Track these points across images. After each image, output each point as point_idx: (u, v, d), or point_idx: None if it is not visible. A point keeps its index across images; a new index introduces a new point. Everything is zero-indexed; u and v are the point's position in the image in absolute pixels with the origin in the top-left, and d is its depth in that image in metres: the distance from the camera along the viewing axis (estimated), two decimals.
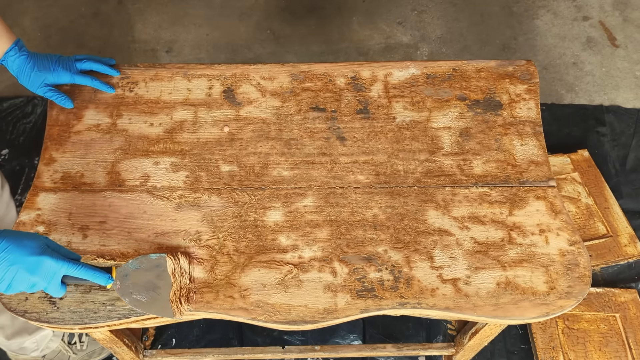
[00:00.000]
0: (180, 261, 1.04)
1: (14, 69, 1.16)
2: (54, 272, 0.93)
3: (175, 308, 1.01)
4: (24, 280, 0.92)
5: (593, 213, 1.86)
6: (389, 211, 1.12)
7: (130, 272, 1.02)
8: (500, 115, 1.24)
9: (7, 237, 0.91)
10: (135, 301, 1.01)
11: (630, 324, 1.68)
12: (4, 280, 0.91)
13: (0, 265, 0.90)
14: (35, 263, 0.92)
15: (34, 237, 0.95)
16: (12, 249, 0.90)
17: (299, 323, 1.02)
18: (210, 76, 1.29)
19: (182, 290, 1.02)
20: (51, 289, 0.95)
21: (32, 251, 0.92)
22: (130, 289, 1.01)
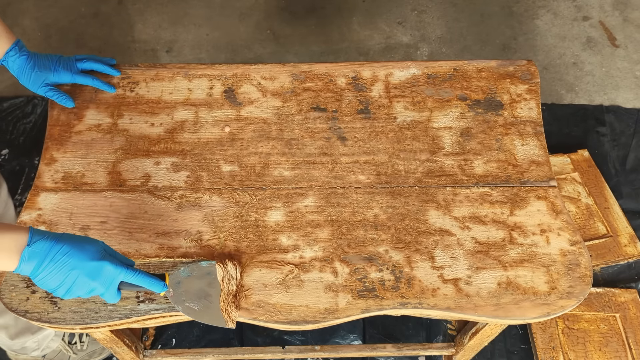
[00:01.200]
0: (228, 267, 1.03)
1: (15, 69, 1.16)
2: (112, 278, 0.92)
3: (226, 316, 1.00)
4: (84, 285, 0.90)
5: (593, 213, 1.87)
6: (390, 211, 1.12)
7: (182, 279, 1.01)
8: (501, 115, 1.24)
9: (68, 241, 0.90)
10: (188, 309, 1.00)
11: (630, 324, 1.68)
12: (64, 284, 0.89)
13: (61, 270, 0.88)
14: (95, 268, 0.90)
15: (93, 241, 0.93)
16: (73, 254, 0.89)
17: (300, 323, 1.02)
18: (211, 76, 1.29)
19: (230, 298, 1.01)
20: (108, 295, 0.93)
21: (93, 256, 0.90)
22: (182, 297, 1.00)
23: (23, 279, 1.04)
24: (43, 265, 0.87)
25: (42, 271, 0.88)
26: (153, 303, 1.03)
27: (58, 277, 0.89)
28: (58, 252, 0.88)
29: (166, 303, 1.03)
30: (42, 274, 0.88)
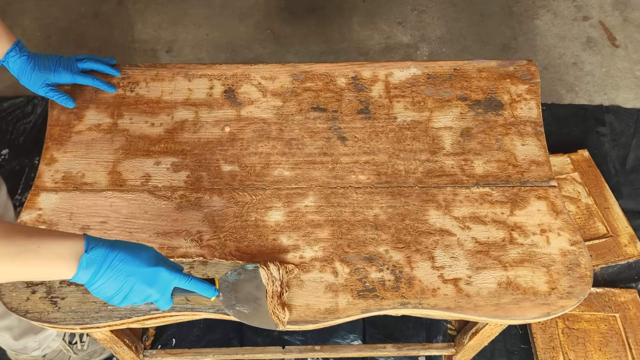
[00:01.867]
0: (271, 269, 1.02)
1: (15, 70, 1.16)
2: (168, 283, 0.91)
3: (275, 318, 1.00)
4: (141, 292, 0.89)
5: (593, 213, 1.87)
6: (390, 211, 1.12)
7: (231, 283, 1.01)
8: (501, 115, 1.24)
9: (123, 248, 0.88)
10: (239, 313, 1.00)
11: (630, 324, 1.68)
12: (121, 291, 0.88)
13: (118, 277, 0.87)
14: (152, 274, 0.89)
15: (146, 247, 0.92)
16: (129, 260, 0.87)
17: (300, 323, 1.02)
18: (211, 76, 1.29)
19: (276, 299, 1.01)
20: (162, 301, 0.92)
21: (149, 262, 0.89)
22: (232, 301, 1.00)
23: None
24: (100, 272, 0.86)
25: (100, 278, 0.86)
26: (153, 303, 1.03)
27: (115, 285, 0.87)
28: (115, 259, 0.87)
29: None
30: (100, 281, 0.86)
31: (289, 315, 1.01)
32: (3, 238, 0.81)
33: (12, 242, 0.81)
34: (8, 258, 0.81)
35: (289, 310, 1.01)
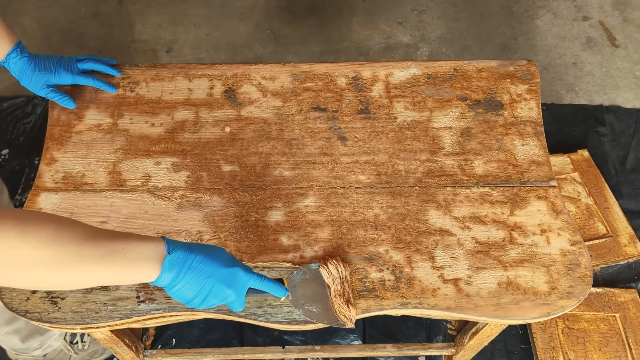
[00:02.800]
0: (330, 268, 1.02)
1: (16, 71, 1.16)
2: (244, 284, 0.91)
3: (342, 317, 0.99)
4: (220, 293, 0.89)
5: (593, 213, 1.87)
6: (390, 211, 1.12)
7: (298, 283, 1.00)
8: (501, 115, 1.24)
9: (200, 249, 0.88)
10: (309, 312, 1.00)
11: (630, 324, 1.68)
12: (201, 293, 0.88)
13: (198, 279, 0.86)
14: (230, 275, 0.89)
15: (220, 249, 0.91)
16: (208, 262, 0.87)
17: (301, 323, 1.02)
18: (212, 76, 1.29)
19: (339, 298, 1.00)
20: (237, 302, 0.92)
21: (226, 263, 0.89)
22: (301, 300, 1.00)
23: None
24: (181, 274, 0.85)
25: (181, 280, 0.86)
26: (153, 303, 1.03)
27: (195, 287, 0.87)
28: (194, 261, 0.86)
29: (166, 303, 1.03)
30: (181, 283, 0.86)
31: (355, 313, 1.00)
32: (89, 240, 0.79)
33: (99, 244, 0.80)
34: (95, 260, 0.79)
35: (355, 308, 1.01)
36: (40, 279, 0.77)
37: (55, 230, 0.77)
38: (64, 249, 0.77)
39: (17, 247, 0.73)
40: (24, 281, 0.78)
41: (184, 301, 0.89)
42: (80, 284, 0.83)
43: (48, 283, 0.80)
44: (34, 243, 0.74)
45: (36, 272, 0.75)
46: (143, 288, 1.04)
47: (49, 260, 0.75)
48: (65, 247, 0.77)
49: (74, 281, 0.81)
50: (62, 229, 0.78)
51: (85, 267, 0.79)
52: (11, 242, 0.73)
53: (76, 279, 0.80)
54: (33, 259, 0.74)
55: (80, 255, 0.78)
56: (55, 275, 0.77)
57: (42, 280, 0.78)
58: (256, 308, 1.03)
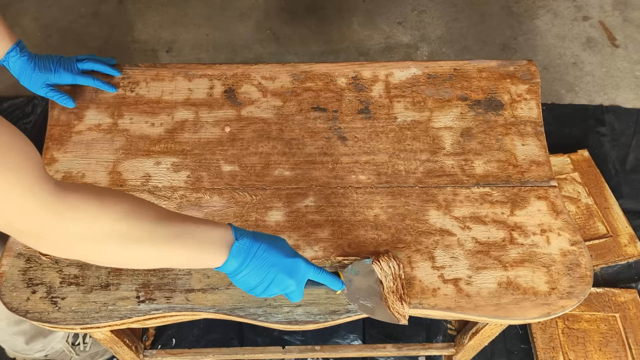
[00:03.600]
0: (382, 265, 1.02)
1: (16, 70, 1.16)
2: (304, 274, 0.91)
3: (396, 313, 0.99)
4: (282, 282, 0.89)
5: (593, 213, 1.87)
6: (390, 211, 1.12)
7: (353, 277, 1.00)
8: (502, 115, 1.24)
9: (264, 238, 0.88)
10: (364, 307, 0.99)
11: (630, 324, 1.68)
12: (264, 281, 0.88)
13: (262, 267, 0.87)
14: (292, 265, 0.89)
15: (281, 239, 0.92)
16: (272, 250, 0.88)
17: (301, 323, 1.02)
18: (212, 76, 1.29)
19: (391, 294, 1.00)
20: (296, 293, 0.92)
21: (288, 253, 0.90)
22: (357, 295, 1.00)
23: (23, 279, 1.04)
24: (247, 261, 0.86)
25: (246, 268, 0.86)
26: (153, 303, 1.03)
27: (259, 274, 0.87)
28: (259, 249, 0.87)
29: (166, 303, 1.03)
30: (245, 270, 0.86)
31: (409, 310, 1.00)
32: (162, 219, 0.80)
33: (171, 224, 0.80)
34: (167, 239, 0.79)
35: (408, 304, 1.00)
36: (112, 253, 0.77)
37: (131, 206, 0.77)
38: (139, 224, 0.77)
39: (97, 217, 0.74)
40: (97, 254, 0.78)
41: (247, 289, 0.89)
42: (149, 263, 0.83)
43: (119, 258, 0.80)
44: (111, 214, 0.75)
45: (110, 245, 0.76)
46: (143, 288, 1.04)
47: (124, 234, 0.76)
48: (140, 222, 0.78)
49: (144, 258, 0.81)
50: (137, 205, 0.78)
51: (157, 244, 0.79)
52: (92, 211, 0.73)
53: (146, 256, 0.80)
54: (110, 231, 0.75)
55: (153, 232, 0.78)
56: (128, 250, 0.78)
57: (114, 255, 0.78)
58: (256, 308, 1.03)
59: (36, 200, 0.68)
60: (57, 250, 0.76)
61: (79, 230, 0.73)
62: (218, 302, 1.03)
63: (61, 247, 0.75)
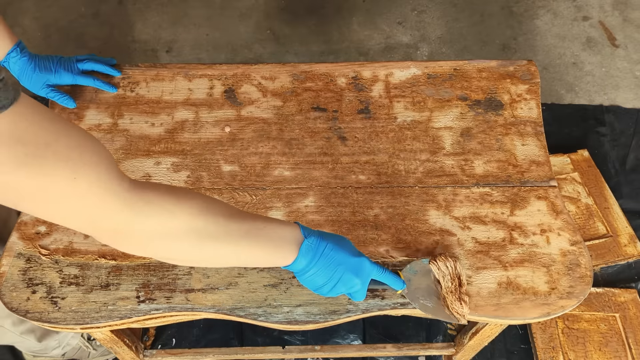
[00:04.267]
0: (438, 264, 1.02)
1: (16, 71, 1.16)
2: (368, 274, 0.91)
3: (455, 313, 0.99)
4: (348, 281, 0.88)
5: (593, 213, 1.87)
6: (390, 211, 1.12)
7: (412, 277, 1.00)
8: (502, 115, 1.24)
9: (329, 237, 0.88)
10: (424, 306, 0.99)
11: (630, 324, 1.68)
12: (331, 280, 0.88)
13: (329, 266, 0.86)
14: (358, 264, 0.89)
15: (346, 238, 0.92)
16: (338, 249, 0.87)
17: (301, 323, 1.02)
18: (212, 76, 1.29)
19: (449, 294, 1.00)
20: (360, 293, 0.92)
21: (353, 252, 0.89)
22: (417, 294, 0.99)
23: (23, 279, 1.04)
24: (315, 260, 0.86)
25: (314, 267, 0.86)
26: (153, 303, 1.03)
27: (326, 274, 0.87)
28: (326, 248, 0.87)
29: (166, 303, 1.03)
30: (313, 269, 0.86)
31: (467, 309, 1.00)
32: (234, 215, 0.80)
33: (243, 220, 0.80)
34: (240, 235, 0.79)
35: (467, 304, 1.00)
36: (188, 249, 0.77)
37: (204, 202, 0.78)
38: (214, 219, 0.77)
39: (174, 213, 0.74)
40: (174, 251, 0.78)
41: (314, 288, 0.89)
42: (221, 260, 0.83)
43: (194, 255, 0.80)
44: (187, 209, 0.75)
45: (187, 242, 0.76)
46: (143, 288, 1.04)
47: (200, 230, 0.76)
48: (215, 218, 0.77)
49: (218, 256, 0.81)
50: (210, 202, 0.79)
51: (231, 241, 0.79)
52: (169, 207, 0.73)
53: (220, 254, 0.80)
54: (186, 227, 0.75)
55: (227, 228, 0.78)
56: (203, 247, 0.78)
57: (190, 252, 0.78)
58: (256, 308, 1.03)
59: (116, 197, 0.68)
60: (136, 247, 0.75)
61: (156, 227, 0.73)
62: (218, 302, 1.03)
63: (139, 245, 0.75)
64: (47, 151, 0.60)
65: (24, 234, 1.09)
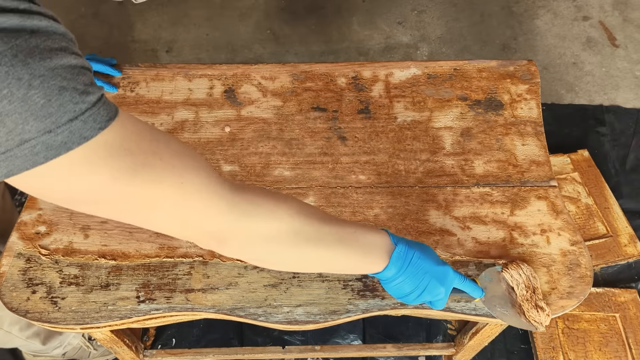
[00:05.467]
0: (510, 272, 1.00)
1: None
2: (451, 282, 0.91)
3: (532, 320, 0.98)
4: (434, 289, 0.88)
5: (593, 213, 1.87)
6: (390, 211, 1.12)
7: (487, 284, 0.99)
8: (502, 115, 1.24)
9: (415, 245, 0.88)
10: (502, 314, 0.99)
11: (630, 324, 1.68)
12: (418, 289, 0.87)
13: (416, 274, 0.86)
14: (442, 273, 0.88)
15: (429, 247, 0.91)
16: (425, 257, 0.87)
17: (300, 323, 1.02)
18: (212, 76, 1.29)
19: (525, 303, 0.99)
20: (443, 301, 0.91)
21: (438, 260, 0.89)
22: (493, 302, 0.99)
23: (23, 279, 1.04)
24: (403, 268, 0.85)
25: (402, 275, 0.86)
26: (153, 303, 1.03)
27: (414, 282, 0.87)
28: (414, 256, 0.86)
29: (166, 303, 1.03)
30: (401, 277, 0.86)
31: (545, 317, 0.98)
32: (327, 219, 0.80)
33: (335, 224, 0.80)
34: (333, 240, 0.79)
35: (544, 311, 0.99)
36: (287, 252, 0.77)
37: (300, 204, 0.78)
38: (310, 222, 0.78)
39: (275, 213, 0.74)
40: (274, 253, 0.78)
41: (399, 296, 0.89)
42: (315, 265, 0.83)
43: (291, 258, 0.80)
44: (287, 210, 0.75)
45: (286, 244, 0.76)
46: (143, 288, 1.04)
47: (298, 232, 0.76)
48: (311, 220, 0.78)
49: (313, 259, 0.81)
50: (303, 204, 0.79)
51: (326, 245, 0.79)
52: (270, 207, 0.74)
53: (315, 257, 0.80)
54: (286, 228, 0.75)
55: (322, 231, 0.79)
56: (300, 249, 0.78)
57: (287, 255, 0.78)
58: (256, 308, 1.03)
59: (221, 199, 0.69)
60: (238, 249, 0.75)
61: (259, 227, 0.73)
62: (218, 302, 1.03)
63: (242, 246, 0.75)
64: (154, 159, 0.62)
65: (24, 234, 1.09)
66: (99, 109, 0.56)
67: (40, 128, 0.52)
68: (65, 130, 0.53)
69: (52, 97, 0.52)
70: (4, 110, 0.50)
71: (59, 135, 0.53)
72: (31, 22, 0.52)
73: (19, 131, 0.51)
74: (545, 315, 0.98)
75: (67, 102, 0.53)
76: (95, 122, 0.55)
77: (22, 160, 0.53)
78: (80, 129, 0.54)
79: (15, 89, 0.50)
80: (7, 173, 0.54)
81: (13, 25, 0.50)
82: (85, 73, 0.57)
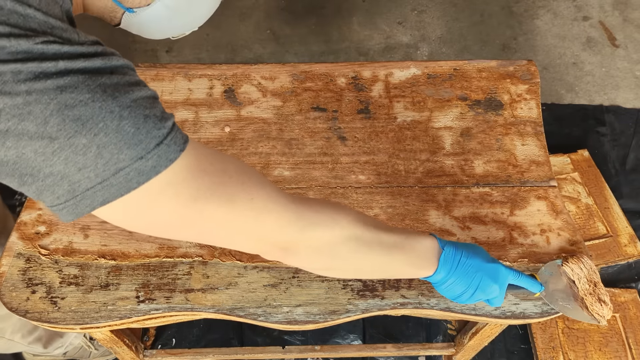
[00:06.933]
0: (571, 266, 1.00)
1: None
2: (504, 278, 0.91)
3: (595, 314, 0.98)
4: (487, 287, 0.89)
5: (593, 213, 1.87)
6: (390, 211, 1.12)
7: (548, 278, 0.99)
8: (501, 115, 1.24)
9: (463, 246, 0.89)
10: (564, 308, 0.99)
11: (630, 324, 1.68)
12: (470, 288, 0.88)
13: (467, 273, 0.87)
14: (494, 270, 0.89)
15: (478, 246, 0.93)
16: (473, 256, 0.88)
17: (300, 323, 1.02)
18: (211, 76, 1.29)
19: (588, 297, 0.99)
20: (499, 298, 0.92)
21: (487, 258, 0.90)
22: (555, 296, 0.99)
23: (23, 279, 1.04)
24: (453, 269, 0.87)
25: (452, 276, 0.87)
26: (153, 303, 1.03)
27: (465, 282, 0.88)
28: (462, 256, 0.88)
29: (166, 303, 1.03)
30: (452, 279, 0.87)
31: (608, 311, 0.98)
32: (380, 226, 0.82)
33: (388, 231, 0.82)
34: (389, 246, 0.81)
35: (607, 304, 0.98)
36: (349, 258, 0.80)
37: (355, 212, 0.81)
38: (367, 228, 0.80)
39: (338, 220, 0.77)
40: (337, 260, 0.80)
41: (452, 297, 0.90)
42: (373, 271, 0.86)
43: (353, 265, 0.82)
44: (347, 217, 0.78)
45: (347, 250, 0.78)
46: (143, 288, 1.04)
47: (359, 239, 0.78)
48: (368, 227, 0.80)
49: (371, 265, 0.83)
50: (358, 212, 0.82)
51: (384, 251, 0.81)
52: (332, 214, 0.76)
53: (374, 263, 0.83)
54: (348, 235, 0.77)
55: (379, 237, 0.81)
56: (362, 255, 0.80)
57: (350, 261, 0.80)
58: (256, 308, 1.03)
59: (287, 211, 0.72)
60: (306, 258, 0.78)
61: (324, 236, 0.76)
62: (218, 302, 1.03)
63: (310, 255, 0.77)
64: (225, 177, 0.65)
65: (24, 234, 1.09)
66: (176, 133, 0.60)
67: (133, 155, 0.56)
68: (154, 155, 0.57)
69: (139, 125, 0.57)
70: (102, 143, 0.55)
71: (149, 160, 0.57)
72: (110, 62, 0.61)
73: (115, 161, 0.56)
74: (608, 309, 0.98)
75: (152, 128, 0.58)
76: (176, 145, 0.60)
77: (117, 188, 0.57)
78: (165, 152, 0.58)
79: (109, 121, 0.55)
80: (103, 201, 0.59)
81: (97, 66, 0.59)
82: (158, 102, 0.62)
